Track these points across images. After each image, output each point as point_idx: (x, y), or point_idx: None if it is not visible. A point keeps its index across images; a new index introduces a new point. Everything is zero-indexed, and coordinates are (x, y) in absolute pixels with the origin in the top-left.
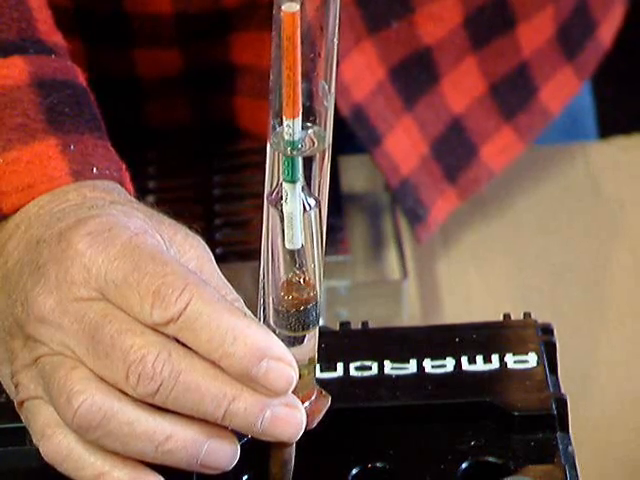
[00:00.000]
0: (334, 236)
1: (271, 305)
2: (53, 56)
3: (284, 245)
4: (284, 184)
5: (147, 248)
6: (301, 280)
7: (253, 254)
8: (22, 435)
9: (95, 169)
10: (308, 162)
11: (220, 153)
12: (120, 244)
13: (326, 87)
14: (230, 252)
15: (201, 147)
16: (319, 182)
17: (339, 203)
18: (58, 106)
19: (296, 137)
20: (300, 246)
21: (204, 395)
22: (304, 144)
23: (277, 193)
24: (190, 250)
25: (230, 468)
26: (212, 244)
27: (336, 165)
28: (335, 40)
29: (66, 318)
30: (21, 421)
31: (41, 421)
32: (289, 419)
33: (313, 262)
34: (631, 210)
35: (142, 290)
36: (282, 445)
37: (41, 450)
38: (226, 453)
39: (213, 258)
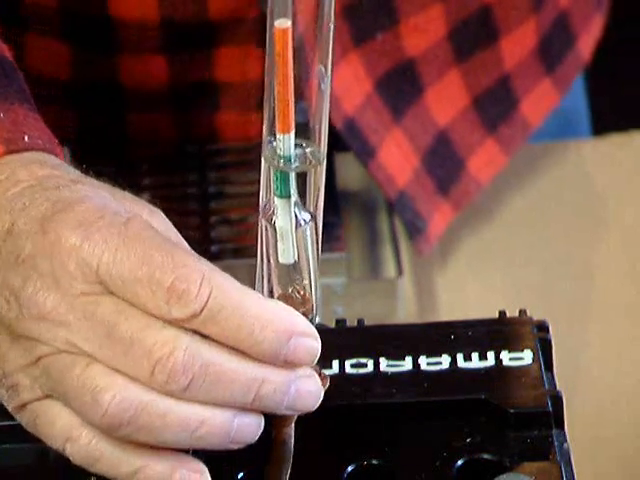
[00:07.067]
0: (330, 233)
1: None
2: None
3: (277, 259)
4: (275, 199)
5: (146, 235)
6: (297, 294)
7: (248, 251)
8: (19, 433)
9: (26, 137)
10: (302, 175)
11: (214, 150)
12: (117, 234)
13: (322, 70)
14: (225, 249)
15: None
16: (314, 195)
17: (335, 201)
18: None
19: (287, 152)
20: (293, 261)
21: (234, 384)
22: (298, 160)
23: (270, 207)
24: (159, 227)
25: (255, 440)
26: (207, 241)
27: (332, 162)
28: (330, 34)
29: (71, 315)
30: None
31: (61, 423)
32: (311, 389)
33: (308, 276)
34: (625, 207)
35: (154, 286)
36: (285, 430)
37: (69, 454)
38: (253, 427)
39: (179, 234)
